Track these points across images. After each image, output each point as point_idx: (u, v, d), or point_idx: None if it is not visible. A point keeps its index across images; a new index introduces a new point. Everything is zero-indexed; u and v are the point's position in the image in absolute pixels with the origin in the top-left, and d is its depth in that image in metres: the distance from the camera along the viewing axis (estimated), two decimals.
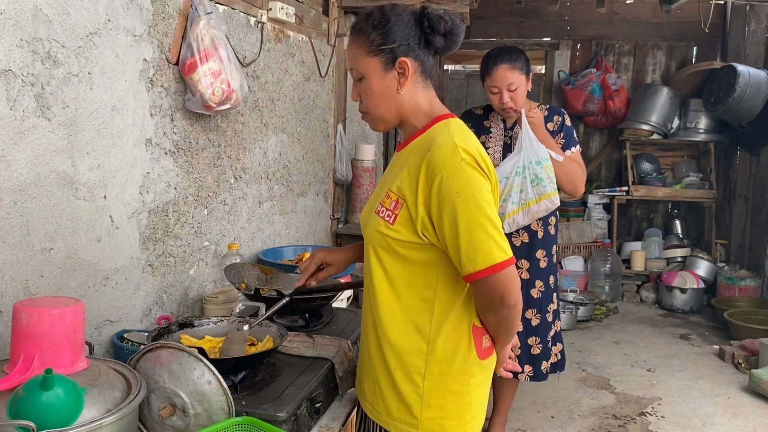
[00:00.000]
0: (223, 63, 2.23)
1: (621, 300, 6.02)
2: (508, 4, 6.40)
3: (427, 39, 1.48)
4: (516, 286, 1.43)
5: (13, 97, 1.60)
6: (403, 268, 1.49)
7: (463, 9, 3.77)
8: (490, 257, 1.38)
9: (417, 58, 1.49)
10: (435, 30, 1.47)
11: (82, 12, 1.80)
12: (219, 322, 1.87)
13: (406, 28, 1.47)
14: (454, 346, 1.49)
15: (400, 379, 1.51)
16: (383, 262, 1.50)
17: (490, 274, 1.39)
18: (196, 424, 1.46)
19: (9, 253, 1.62)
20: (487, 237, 1.38)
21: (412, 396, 1.50)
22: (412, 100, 1.52)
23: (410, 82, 1.50)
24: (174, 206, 2.29)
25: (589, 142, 6.78)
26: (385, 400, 1.54)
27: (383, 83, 1.49)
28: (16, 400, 1.22)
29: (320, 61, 3.54)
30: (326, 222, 3.84)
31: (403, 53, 1.47)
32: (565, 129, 2.89)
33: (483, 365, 1.54)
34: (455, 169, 1.38)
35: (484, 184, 1.41)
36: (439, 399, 1.50)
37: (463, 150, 1.41)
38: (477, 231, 1.38)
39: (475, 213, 1.38)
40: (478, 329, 1.52)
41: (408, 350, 1.50)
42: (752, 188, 5.82)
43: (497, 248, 1.39)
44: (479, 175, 1.41)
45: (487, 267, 1.38)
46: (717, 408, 3.68)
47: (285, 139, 3.19)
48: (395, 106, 1.52)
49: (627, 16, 6.51)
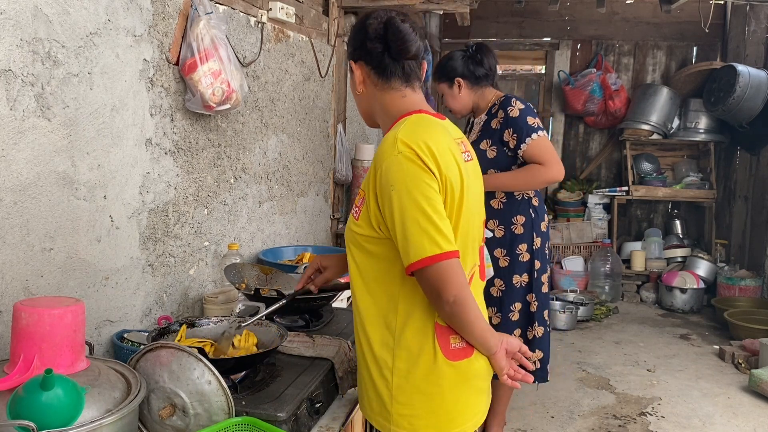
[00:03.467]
0: (223, 63, 2.23)
1: (621, 300, 6.02)
2: (508, 4, 6.40)
3: (365, 45, 1.54)
4: (455, 282, 1.40)
5: (13, 97, 1.60)
6: (370, 264, 1.51)
7: (463, 9, 3.77)
8: (421, 250, 1.38)
9: (368, 63, 1.55)
10: (368, 37, 1.53)
11: (82, 12, 1.80)
12: (219, 322, 1.87)
13: (357, 34, 1.56)
14: (420, 344, 1.49)
15: (375, 372, 1.53)
16: (355, 259, 1.53)
17: (421, 267, 1.39)
18: (196, 424, 1.46)
19: (9, 253, 1.62)
20: (418, 230, 1.39)
21: (384, 390, 1.52)
22: (374, 101, 1.59)
23: (368, 84, 1.57)
24: (174, 206, 2.29)
25: (589, 142, 6.78)
26: (367, 393, 1.57)
27: (351, 84, 1.62)
28: (16, 400, 1.22)
29: (320, 61, 3.54)
30: (326, 222, 3.84)
31: (352, 57, 1.58)
32: (511, 122, 2.75)
33: (456, 367, 1.51)
34: (391, 162, 1.41)
35: (422, 176, 1.40)
36: (407, 396, 1.50)
37: (403, 143, 1.42)
38: (409, 224, 1.39)
39: (408, 206, 1.39)
40: (442, 328, 1.50)
41: (379, 344, 1.51)
42: (752, 188, 5.82)
43: (429, 241, 1.38)
44: (417, 167, 1.40)
45: (417, 260, 1.39)
46: (717, 408, 3.68)
47: (285, 139, 3.19)
48: (361, 105, 1.64)
49: (627, 16, 6.51)
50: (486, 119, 2.86)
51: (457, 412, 1.53)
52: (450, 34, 6.69)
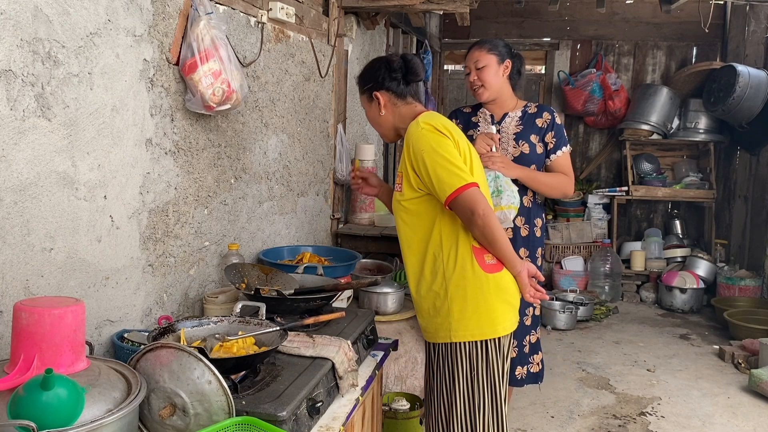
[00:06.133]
0: (223, 63, 2.23)
1: (621, 300, 6.02)
2: (508, 4, 6.41)
3: (392, 76, 2.14)
4: (482, 200, 1.94)
5: (14, 97, 1.60)
6: (417, 219, 2.08)
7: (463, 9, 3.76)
8: (452, 185, 1.94)
9: (388, 90, 2.15)
10: (393, 69, 2.14)
11: (82, 12, 1.80)
12: (219, 322, 1.87)
13: (376, 72, 2.15)
14: (462, 265, 2.03)
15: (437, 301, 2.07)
16: (405, 220, 2.10)
17: (456, 196, 1.94)
18: (197, 424, 1.47)
19: (9, 253, 1.62)
20: (447, 172, 1.94)
21: (443, 309, 2.06)
22: (396, 116, 2.17)
23: (388, 106, 2.17)
24: (174, 206, 2.29)
25: (589, 142, 6.79)
26: (431, 320, 2.10)
27: (371, 111, 2.22)
28: (16, 400, 1.22)
29: (320, 61, 3.54)
30: (326, 222, 3.84)
31: (376, 89, 2.16)
32: (556, 127, 2.83)
33: (492, 278, 2.04)
34: (418, 136, 2.00)
35: (441, 138, 1.99)
36: (460, 307, 2.03)
37: (423, 122, 2.02)
38: (439, 170, 1.95)
39: (435, 157, 1.96)
40: (477, 249, 2.04)
41: (433, 276, 2.07)
42: (752, 188, 5.83)
43: (456, 177, 1.94)
44: (436, 134, 1.99)
45: (452, 192, 1.94)
46: (717, 408, 3.68)
47: (285, 139, 3.19)
48: (384, 124, 2.21)
49: (627, 16, 6.51)
50: (521, 115, 2.84)
51: (495, 317, 2.05)
52: (450, 34, 6.70)
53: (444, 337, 2.07)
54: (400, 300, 3.08)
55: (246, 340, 1.77)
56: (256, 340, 1.79)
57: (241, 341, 1.75)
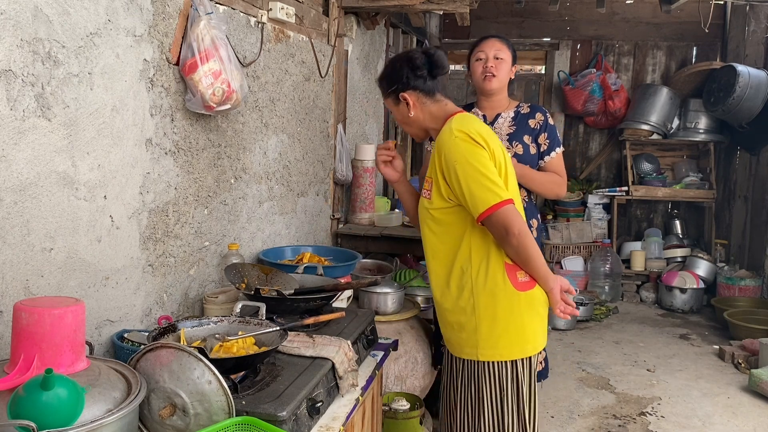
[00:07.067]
0: (223, 63, 2.23)
1: (621, 300, 6.02)
2: (508, 4, 6.40)
3: (416, 74, 2.00)
4: (517, 219, 1.84)
5: (14, 97, 1.60)
6: (445, 230, 1.98)
7: (463, 9, 3.76)
8: (486, 202, 1.84)
9: (415, 89, 2.02)
10: (417, 67, 2.00)
11: (82, 12, 1.80)
12: (219, 322, 1.87)
13: (399, 72, 2.02)
14: (494, 281, 1.92)
15: (461, 316, 1.97)
16: (432, 229, 2.01)
17: (489, 214, 1.84)
18: (197, 424, 1.47)
19: (9, 253, 1.62)
20: (481, 187, 1.84)
21: (470, 326, 1.95)
22: (425, 115, 2.05)
23: (417, 106, 2.03)
24: (174, 206, 2.29)
25: (589, 142, 6.79)
26: (456, 335, 2.01)
27: (399, 112, 2.09)
28: (16, 400, 1.22)
29: (320, 62, 3.54)
30: (326, 222, 3.84)
31: (402, 90, 2.03)
32: (549, 128, 2.85)
33: (524, 296, 1.94)
34: (451, 145, 1.89)
35: (476, 149, 1.88)
36: (489, 324, 1.93)
37: (457, 130, 1.90)
38: (473, 184, 1.85)
39: (469, 171, 1.86)
40: (510, 266, 1.94)
41: (460, 290, 1.96)
42: (752, 188, 5.83)
43: (491, 194, 1.84)
44: (471, 144, 1.88)
45: (486, 209, 1.84)
46: (717, 408, 3.68)
47: (285, 139, 3.19)
48: (415, 124, 2.08)
49: (627, 16, 6.51)
50: (513, 115, 2.85)
51: (526, 336, 1.96)
52: (450, 34, 6.70)
53: (470, 354, 1.98)
54: (400, 300, 3.08)
55: (246, 340, 1.77)
56: (256, 340, 1.79)
57: (241, 341, 1.75)
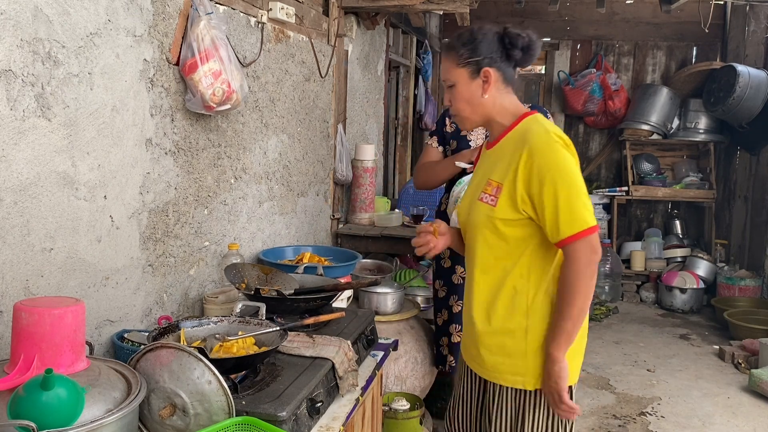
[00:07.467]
0: (223, 63, 2.23)
1: (621, 300, 6.02)
2: (508, 4, 6.41)
3: (507, 53, 1.76)
4: (600, 250, 1.68)
5: (14, 97, 1.60)
6: (505, 244, 1.75)
7: (463, 9, 3.76)
8: (584, 222, 1.64)
9: (499, 69, 1.77)
10: (514, 45, 1.75)
11: (82, 12, 1.80)
12: (219, 322, 1.87)
13: (490, 44, 1.76)
14: (551, 306, 1.74)
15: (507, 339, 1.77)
16: (489, 241, 1.77)
17: (584, 236, 1.64)
18: (197, 424, 1.47)
19: (9, 253, 1.62)
20: (581, 205, 1.65)
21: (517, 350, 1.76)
22: (497, 103, 1.79)
23: (493, 88, 1.77)
24: (174, 206, 2.29)
25: (589, 142, 6.79)
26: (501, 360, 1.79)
27: (470, 89, 1.78)
28: (16, 400, 1.22)
29: (320, 62, 3.54)
30: (326, 222, 3.84)
31: (487, 64, 1.76)
32: None
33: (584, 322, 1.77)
34: (551, 151, 1.67)
35: (575, 162, 1.70)
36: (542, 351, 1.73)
37: (557, 135, 1.70)
38: (573, 200, 1.64)
39: (571, 185, 1.65)
40: None
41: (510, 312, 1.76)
42: (752, 188, 5.83)
43: (589, 215, 1.66)
44: (569, 153, 1.69)
45: (584, 230, 1.64)
46: (717, 408, 3.68)
47: (285, 139, 3.19)
48: (480, 108, 1.80)
49: (627, 16, 6.51)
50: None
51: (578, 360, 1.82)
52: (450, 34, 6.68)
53: (513, 381, 1.78)
54: (400, 300, 3.08)
55: (246, 340, 1.77)
56: (256, 340, 1.79)
57: (241, 341, 1.75)
